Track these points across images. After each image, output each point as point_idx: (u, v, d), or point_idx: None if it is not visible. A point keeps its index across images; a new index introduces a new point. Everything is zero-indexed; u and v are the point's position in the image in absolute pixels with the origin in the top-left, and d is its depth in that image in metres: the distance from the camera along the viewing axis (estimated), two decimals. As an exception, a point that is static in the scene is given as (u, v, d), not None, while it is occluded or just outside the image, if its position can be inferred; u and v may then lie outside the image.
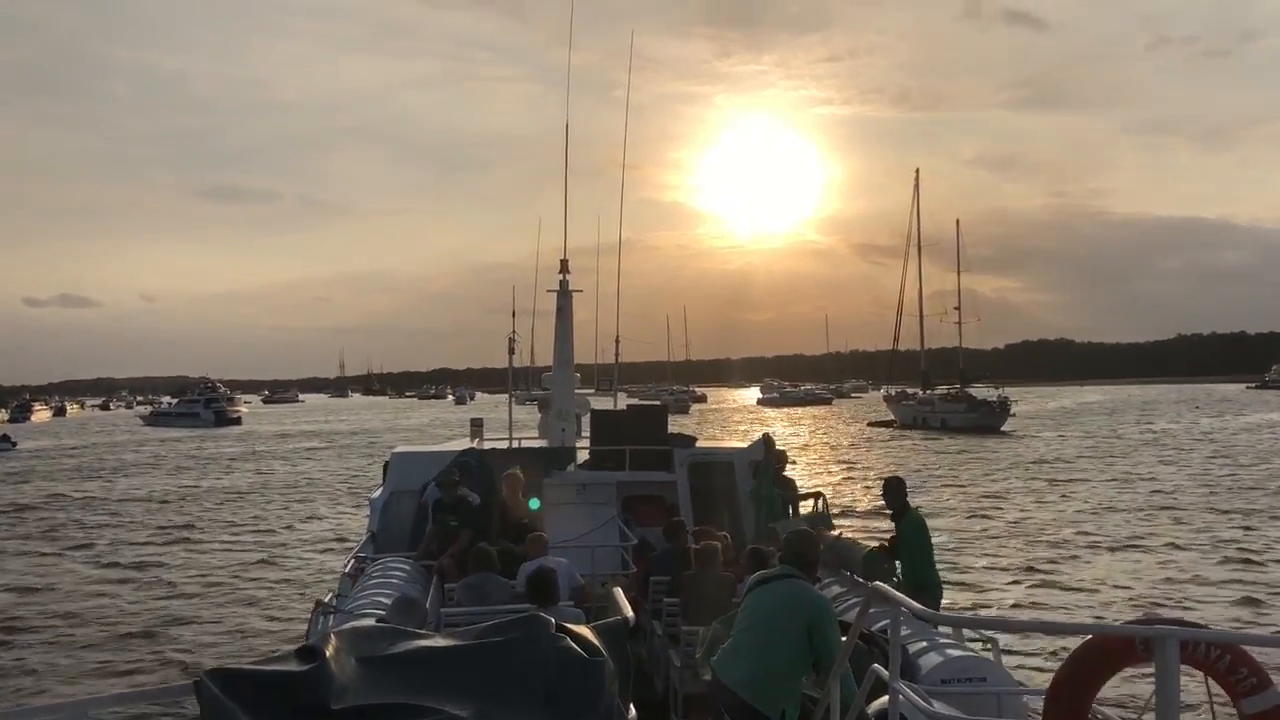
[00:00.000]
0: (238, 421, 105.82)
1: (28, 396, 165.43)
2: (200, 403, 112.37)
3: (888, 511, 9.83)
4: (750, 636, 6.01)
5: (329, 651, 3.60)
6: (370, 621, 6.47)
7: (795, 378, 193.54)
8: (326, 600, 9.50)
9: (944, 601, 9.71)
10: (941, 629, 7.73)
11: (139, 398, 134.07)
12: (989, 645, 7.75)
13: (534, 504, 10.03)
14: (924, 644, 7.22)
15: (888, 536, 9.82)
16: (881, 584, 5.39)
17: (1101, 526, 25.72)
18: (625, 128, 17.64)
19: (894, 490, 9.56)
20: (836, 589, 9.72)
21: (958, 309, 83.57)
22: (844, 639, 5.66)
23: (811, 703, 6.01)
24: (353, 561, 11.18)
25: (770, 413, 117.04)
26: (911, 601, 4.91)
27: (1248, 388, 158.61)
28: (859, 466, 45.17)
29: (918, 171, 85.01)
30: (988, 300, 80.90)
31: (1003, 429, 69.76)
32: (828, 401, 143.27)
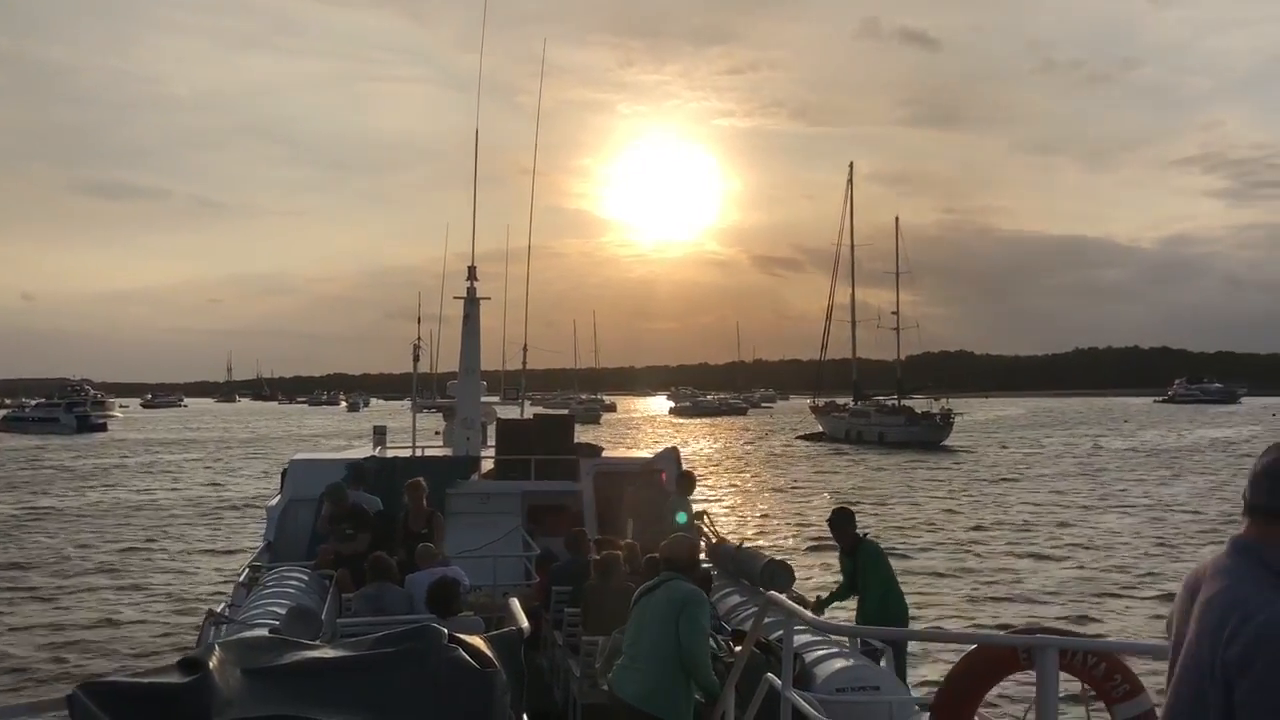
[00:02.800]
0: (103, 428, 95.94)
1: None
2: (61, 407, 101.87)
3: (835, 546, 9.52)
4: (638, 648, 6.01)
5: (213, 663, 3.51)
6: (263, 632, 6.33)
7: (701, 387, 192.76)
8: (219, 610, 9.28)
9: (843, 613, 9.82)
10: (837, 638, 7.86)
11: (7, 400, 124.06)
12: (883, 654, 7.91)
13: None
14: (820, 653, 7.34)
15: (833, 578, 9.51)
16: (776, 593, 5.46)
17: (1112, 555, 23.55)
18: (536, 134, 17.66)
19: (844, 522, 9.19)
20: (736, 598, 9.82)
21: (895, 314, 79.76)
22: (739, 649, 5.71)
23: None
24: (247, 571, 10.93)
25: (685, 423, 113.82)
26: (805, 611, 4.99)
27: (1155, 401, 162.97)
28: (804, 488, 40.43)
29: (851, 166, 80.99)
30: (886, 314, 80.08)
31: (944, 444, 65.63)
32: (743, 411, 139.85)
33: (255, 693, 3.52)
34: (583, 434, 14.37)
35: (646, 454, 15.05)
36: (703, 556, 12.13)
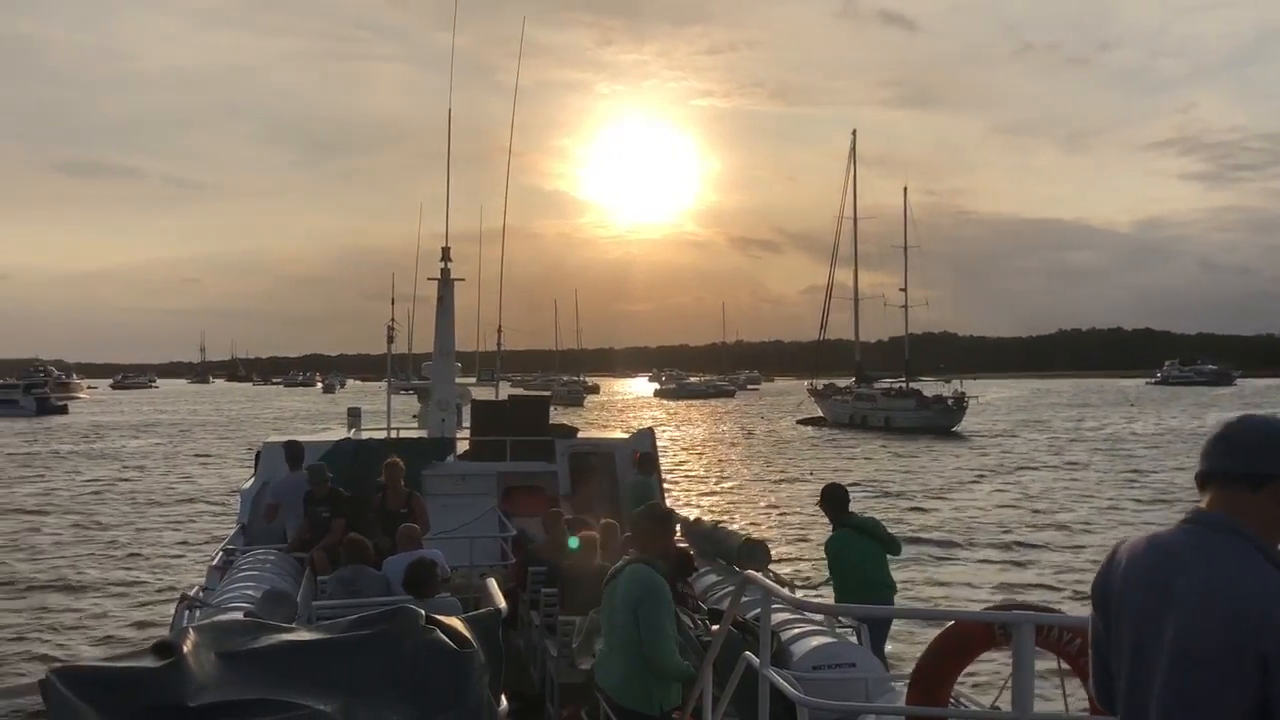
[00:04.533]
0: (63, 410, 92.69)
1: None
2: (19, 388, 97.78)
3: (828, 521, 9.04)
4: (610, 637, 5.98)
5: (187, 647, 3.49)
6: (237, 615, 6.28)
7: (681, 368, 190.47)
8: (192, 594, 9.20)
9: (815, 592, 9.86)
10: (813, 616, 7.90)
11: None
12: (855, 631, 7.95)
13: (573, 543, 9.72)
14: (796, 631, 7.37)
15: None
16: (754, 572, 5.47)
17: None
18: (513, 113, 17.51)
19: (835, 500, 8.91)
20: (712, 578, 9.85)
21: (903, 290, 74.14)
22: (716, 628, 5.71)
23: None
24: (221, 554, 10.86)
25: (671, 405, 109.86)
26: (781, 589, 5.00)
27: (1148, 383, 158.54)
28: (818, 478, 34.97)
29: (854, 134, 75.41)
30: (863, 294, 77.08)
31: (955, 429, 61.44)
32: (730, 394, 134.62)
33: (230, 676, 3.50)
34: (566, 416, 14.37)
35: (622, 435, 15.06)
36: (678, 536, 12.20)
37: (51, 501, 31.39)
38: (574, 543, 9.42)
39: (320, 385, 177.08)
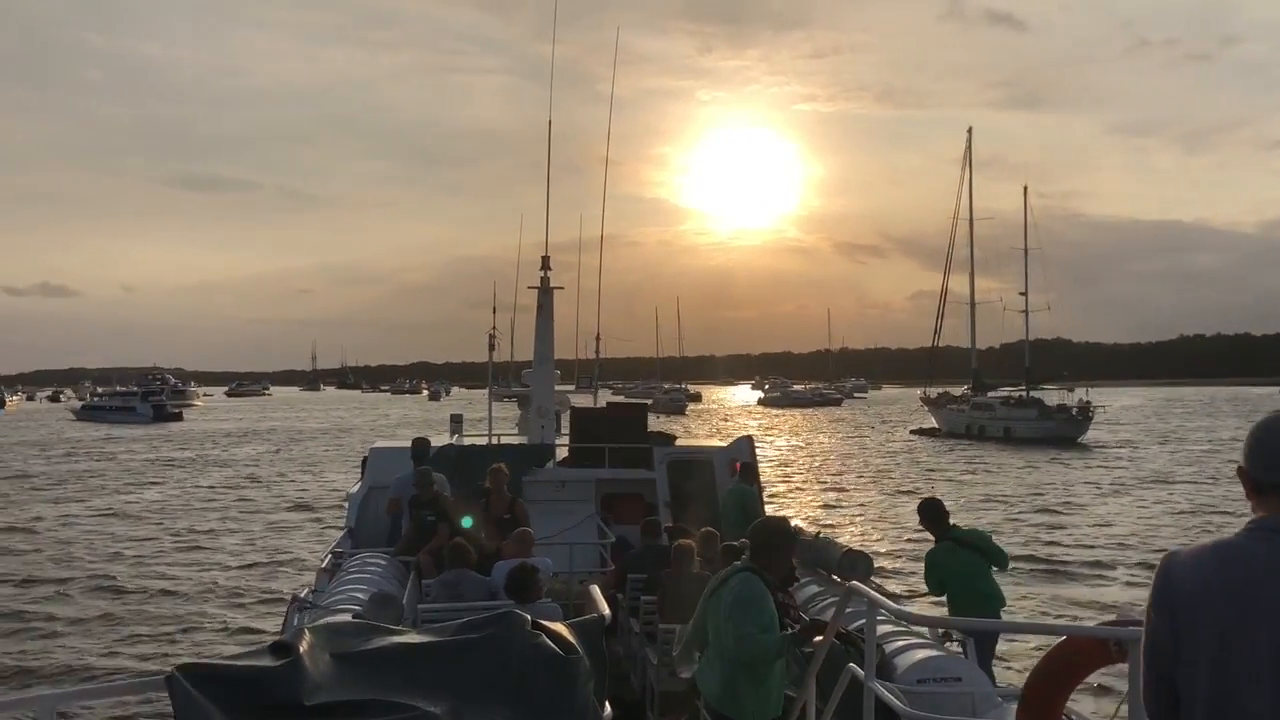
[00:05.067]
0: (178, 417, 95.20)
1: None
2: (137, 396, 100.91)
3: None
4: (712, 644, 5.95)
5: (302, 647, 3.58)
6: (346, 617, 6.44)
7: (785, 375, 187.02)
8: (303, 595, 9.45)
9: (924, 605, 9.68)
10: (918, 629, 7.76)
11: (99, 389, 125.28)
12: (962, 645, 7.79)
13: (467, 522, 9.85)
14: (900, 644, 7.25)
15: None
16: (858, 583, 5.40)
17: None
18: (609, 123, 17.64)
19: (934, 514, 8.83)
20: (814, 588, 9.75)
21: (1024, 294, 70.66)
22: (818, 639, 5.65)
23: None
24: (330, 557, 11.13)
25: (776, 413, 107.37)
26: (887, 600, 4.92)
27: None
28: (947, 494, 31.85)
29: (970, 132, 72.65)
30: (966, 303, 73.69)
31: (1080, 440, 58.72)
32: (837, 402, 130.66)
33: (343, 676, 3.59)
34: (669, 425, 14.39)
35: (720, 443, 15.02)
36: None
37: (168, 506, 32.64)
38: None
39: (426, 392, 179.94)
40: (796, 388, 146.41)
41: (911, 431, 69.74)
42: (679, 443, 14.72)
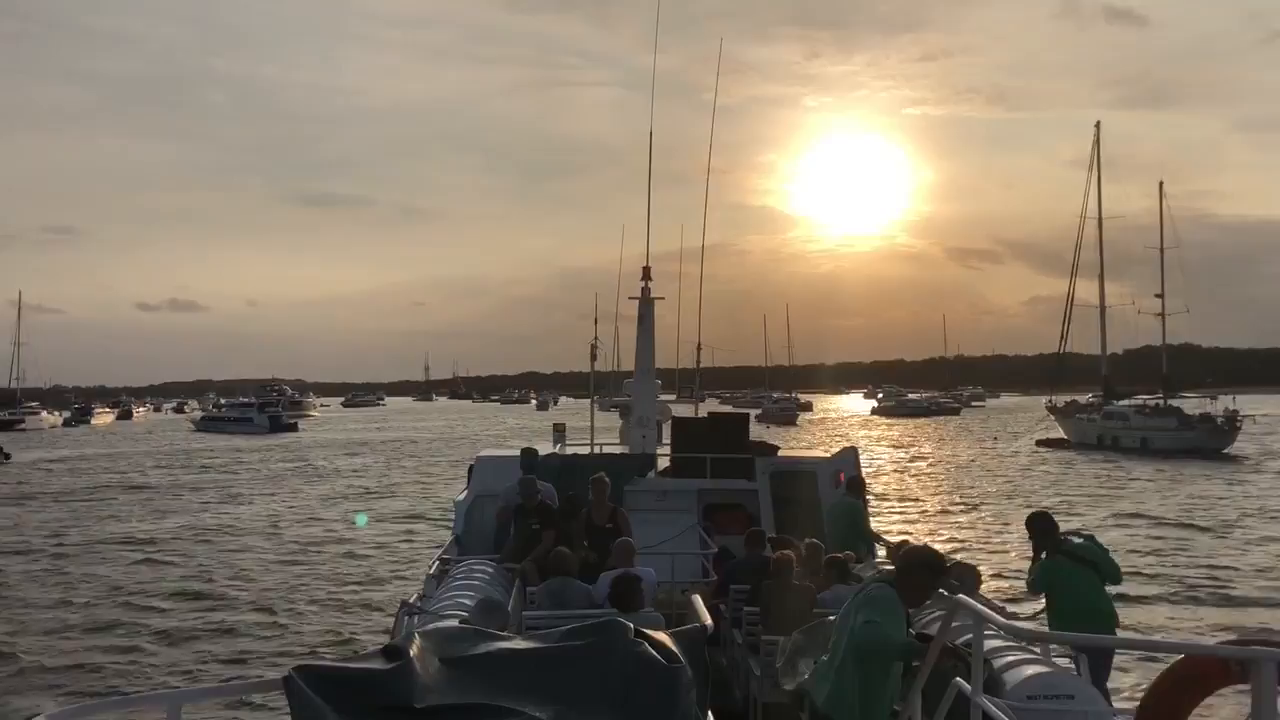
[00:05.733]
0: (294, 428, 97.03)
1: (125, 398, 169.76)
2: (254, 407, 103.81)
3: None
4: (832, 652, 5.92)
5: (413, 651, 3.69)
6: (453, 623, 6.57)
7: (898, 384, 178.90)
8: (412, 601, 9.67)
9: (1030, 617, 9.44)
10: (1028, 644, 7.57)
11: (222, 400, 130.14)
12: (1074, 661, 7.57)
13: (360, 520, 9.91)
14: (1009, 659, 7.08)
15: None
16: (964, 596, 5.31)
17: None
18: (711, 132, 17.68)
19: (1042, 528, 8.62)
20: (919, 601, 9.57)
21: (1159, 296, 66.20)
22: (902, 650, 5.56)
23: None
24: (437, 563, 11.35)
25: (891, 423, 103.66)
26: (995, 615, 4.83)
27: None
28: (1088, 512, 31.38)
29: (1098, 126, 68.82)
30: (1087, 307, 68.83)
31: (1225, 451, 55.17)
32: (955, 411, 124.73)
33: (452, 681, 3.68)
34: (779, 436, 14.25)
35: (824, 454, 14.89)
36: (883, 555, 11.94)
37: (283, 515, 33.67)
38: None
39: (534, 402, 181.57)
40: (912, 396, 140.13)
41: (1037, 442, 66.16)
42: (782, 453, 14.63)
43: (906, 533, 26.02)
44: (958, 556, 11.31)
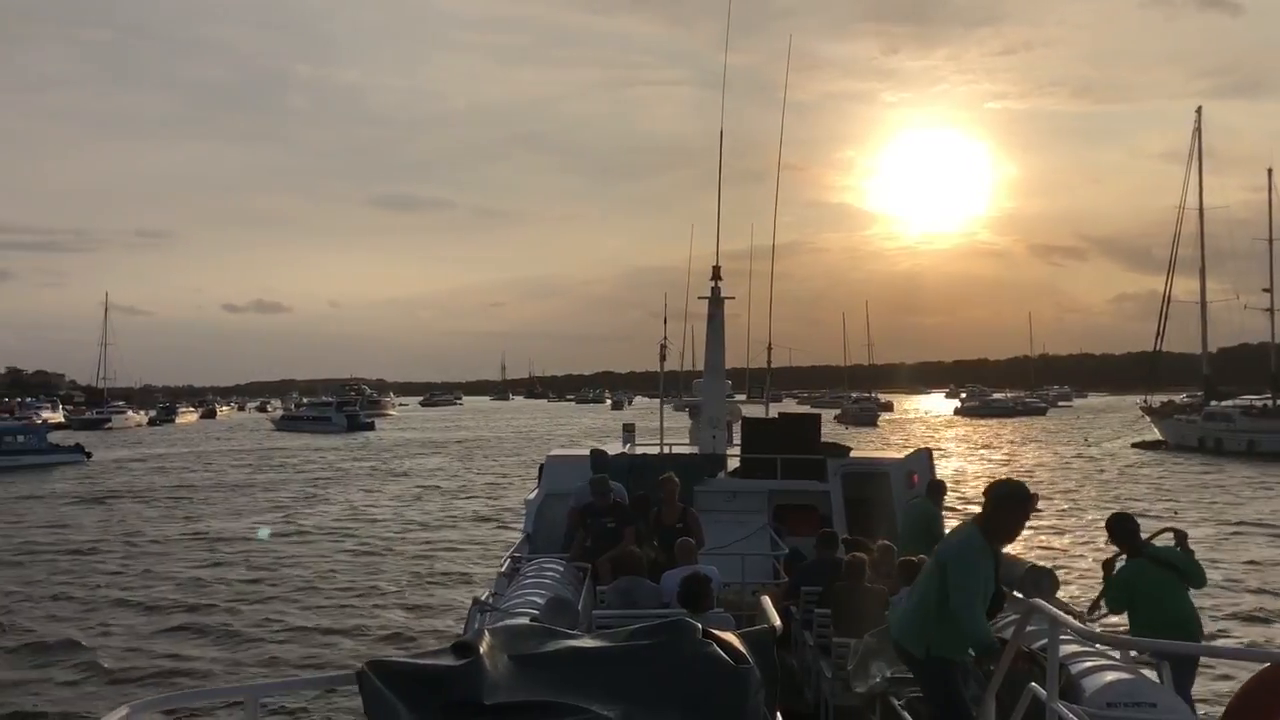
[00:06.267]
0: (370, 427, 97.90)
1: (211, 397, 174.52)
2: (332, 406, 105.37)
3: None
4: (916, 589, 6.29)
5: (483, 648, 3.72)
6: (524, 620, 6.63)
7: (980, 383, 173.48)
8: (483, 599, 9.77)
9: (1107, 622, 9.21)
10: (1107, 650, 7.39)
11: (304, 399, 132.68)
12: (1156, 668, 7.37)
13: (263, 533, 9.96)
14: (1087, 665, 6.91)
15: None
16: (1040, 600, 5.20)
17: None
18: (781, 130, 17.63)
19: (1122, 529, 8.43)
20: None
21: (1268, 291, 62.62)
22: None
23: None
24: (509, 561, 11.45)
25: (976, 424, 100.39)
26: (1070, 619, 4.73)
27: None
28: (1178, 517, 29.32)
29: (1199, 112, 64.79)
30: (1184, 303, 65.92)
31: None
32: (1042, 412, 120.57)
33: (521, 678, 3.71)
34: (861, 438, 14.08)
35: (896, 455, 14.71)
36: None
37: (359, 513, 34.28)
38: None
39: (609, 401, 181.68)
40: (996, 396, 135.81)
41: (1133, 445, 63.63)
42: (854, 454, 14.49)
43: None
44: (1034, 559, 11.06)
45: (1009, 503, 5.78)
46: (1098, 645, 6.90)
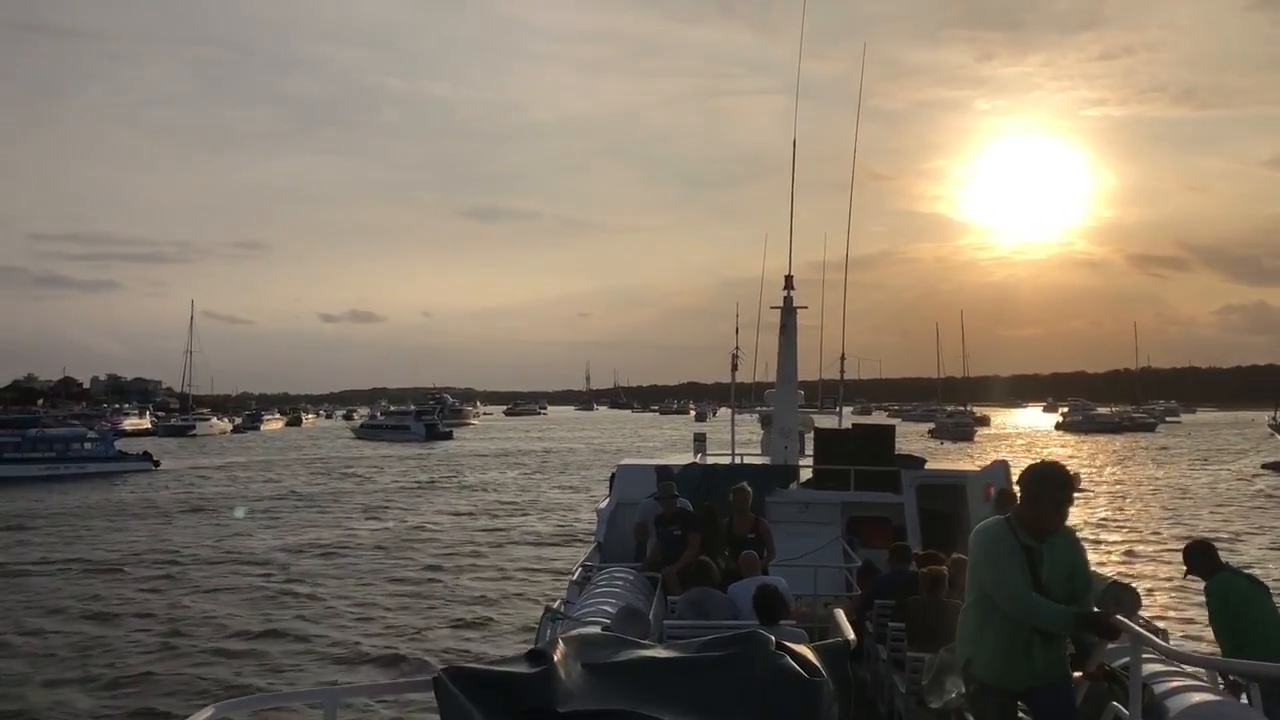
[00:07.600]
0: (448, 436, 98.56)
1: (304, 404, 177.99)
2: (411, 415, 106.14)
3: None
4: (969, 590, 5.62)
5: (557, 656, 3.75)
6: (596, 629, 6.66)
7: (1080, 397, 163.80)
8: (555, 607, 9.83)
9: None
10: (1192, 670, 7.18)
11: (391, 407, 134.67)
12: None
13: (238, 512, 9.92)
14: (1171, 685, 6.73)
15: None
16: (1122, 617, 5.09)
17: None
18: (855, 138, 17.50)
19: (1197, 556, 8.12)
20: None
21: None
22: (1078, 675, 5.35)
23: None
24: (581, 570, 11.51)
25: (1079, 440, 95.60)
26: (1153, 637, 4.62)
27: None
28: None
29: None
30: None
31: None
32: (1150, 428, 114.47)
33: (594, 686, 3.73)
34: (955, 454, 13.80)
35: (973, 468, 14.49)
36: None
37: (432, 521, 34.68)
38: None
39: (693, 412, 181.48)
40: (1100, 410, 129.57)
41: (1263, 465, 59.29)
42: (929, 466, 14.30)
43: (1101, 563, 23.90)
44: (1112, 574, 10.76)
45: (1042, 486, 5.14)
46: (1183, 665, 6.71)
